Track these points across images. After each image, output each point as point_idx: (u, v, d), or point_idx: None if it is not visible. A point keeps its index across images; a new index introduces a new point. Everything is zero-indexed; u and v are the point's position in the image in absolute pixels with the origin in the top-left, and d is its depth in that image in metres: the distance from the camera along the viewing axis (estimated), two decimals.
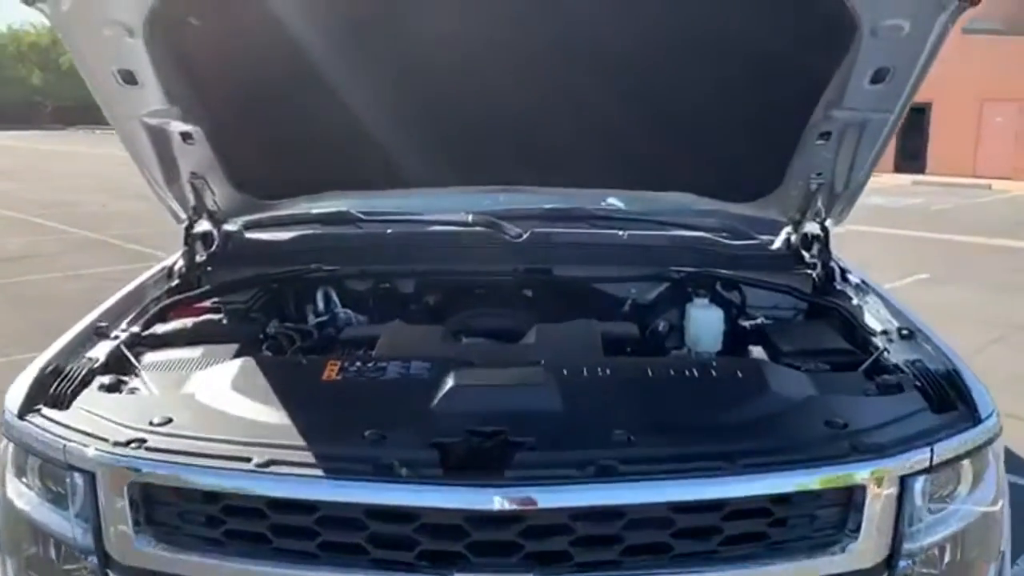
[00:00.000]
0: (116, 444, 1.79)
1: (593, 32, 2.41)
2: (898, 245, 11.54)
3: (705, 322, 2.73)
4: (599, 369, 2.05)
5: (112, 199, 15.84)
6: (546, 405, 1.88)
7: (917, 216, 14.84)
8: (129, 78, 2.32)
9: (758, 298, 2.94)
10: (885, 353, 2.30)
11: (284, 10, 2.29)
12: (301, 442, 1.77)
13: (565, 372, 2.03)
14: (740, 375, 2.05)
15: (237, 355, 2.35)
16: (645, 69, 2.55)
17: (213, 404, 1.93)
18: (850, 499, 1.78)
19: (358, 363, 2.10)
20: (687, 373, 2.05)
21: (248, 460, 1.72)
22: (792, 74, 2.42)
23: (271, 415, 1.88)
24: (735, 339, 2.76)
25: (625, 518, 1.68)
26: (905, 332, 2.37)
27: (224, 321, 2.60)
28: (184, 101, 2.49)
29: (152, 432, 1.83)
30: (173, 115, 2.52)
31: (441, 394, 1.91)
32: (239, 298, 2.76)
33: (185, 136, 2.65)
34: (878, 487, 1.77)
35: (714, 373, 2.06)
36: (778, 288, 2.81)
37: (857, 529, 1.77)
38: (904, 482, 1.80)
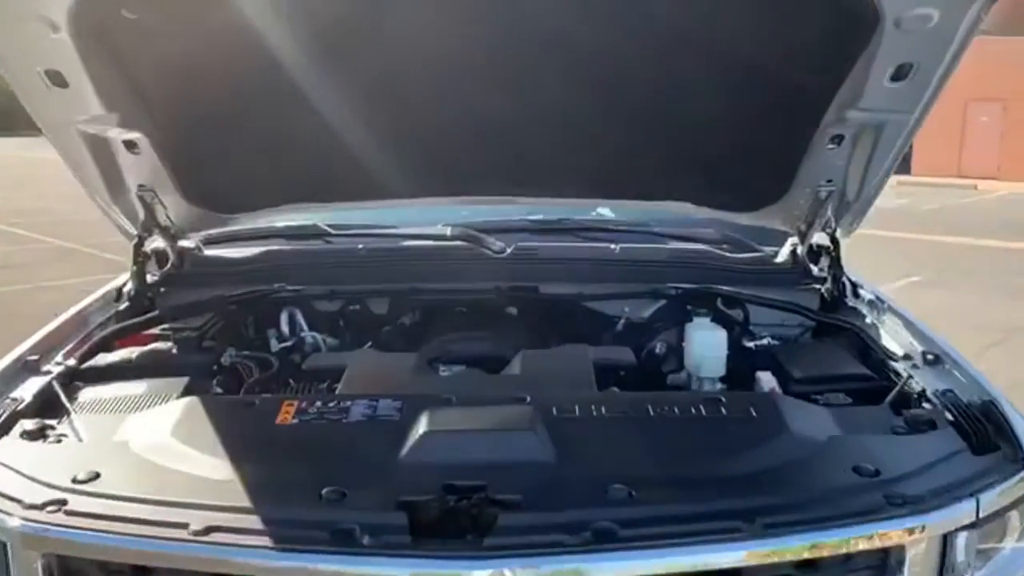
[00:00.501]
0: (31, 507, 1.52)
1: (580, 30, 2.16)
2: (887, 247, 11.31)
3: (707, 344, 2.48)
4: (593, 407, 1.80)
5: (88, 208, 15.48)
6: (533, 454, 1.63)
7: (904, 217, 14.68)
8: (58, 80, 2.05)
9: (761, 315, 2.71)
10: (911, 381, 2.06)
11: (235, 1, 2.03)
12: (247, 503, 1.51)
13: (555, 411, 1.78)
14: (754, 413, 1.80)
15: (186, 391, 2.09)
16: (637, 69, 2.31)
17: (149, 455, 1.67)
18: (885, 561, 1.55)
19: (318, 403, 1.84)
20: (693, 411, 1.80)
21: (185, 526, 1.46)
22: (802, 71, 2.18)
23: (215, 469, 1.62)
24: (740, 363, 2.53)
25: None
26: (931, 357, 2.14)
27: (174, 351, 2.33)
28: (124, 106, 2.22)
29: (75, 491, 1.56)
30: (113, 122, 2.25)
31: (412, 442, 1.65)
32: (194, 323, 2.49)
33: (129, 145, 2.38)
34: (917, 546, 1.54)
35: (724, 411, 1.81)
36: (788, 307, 2.57)
37: None
38: (946, 538, 1.57)
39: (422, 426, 1.68)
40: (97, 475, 1.60)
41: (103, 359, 2.28)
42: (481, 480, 1.53)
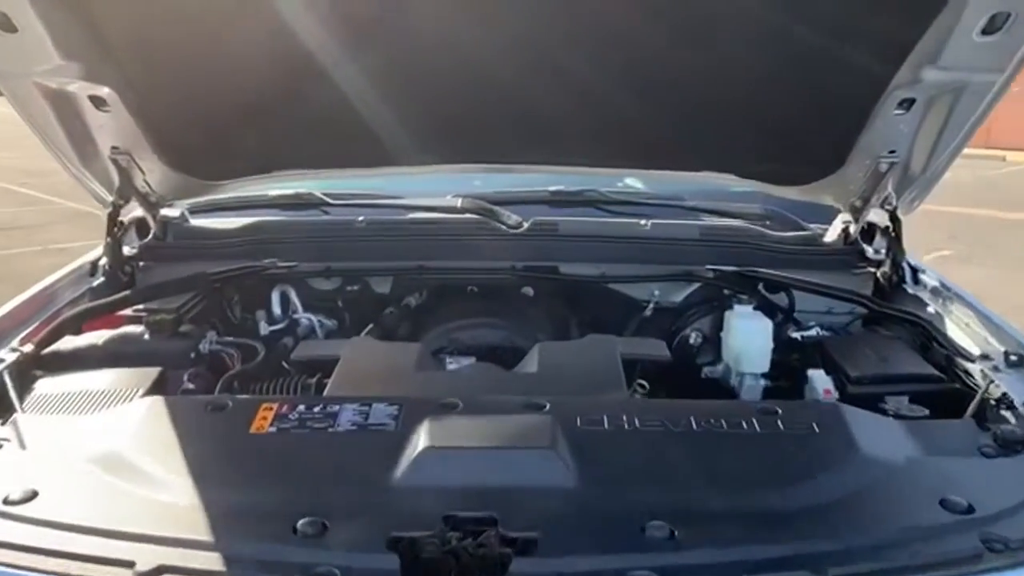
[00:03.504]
0: None
1: None
2: (915, 220, 10.86)
3: (750, 335, 2.20)
4: (624, 418, 1.52)
5: None
6: (554, 478, 1.35)
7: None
8: (5, 24, 1.76)
9: (806, 301, 2.41)
10: (993, 387, 1.77)
11: None
12: (208, 536, 1.25)
13: (579, 422, 1.50)
14: (817, 428, 1.52)
15: (156, 385, 1.82)
16: (672, 18, 1.99)
17: (99, 471, 1.40)
18: None
19: (301, 407, 1.57)
20: (745, 425, 1.51)
21: (131, 566, 1.19)
22: (872, 22, 1.86)
23: (174, 491, 1.35)
24: (785, 356, 2.24)
25: None
26: (1014, 358, 1.84)
27: (146, 336, 2.06)
28: (86, 55, 1.93)
29: (5, 515, 1.30)
30: (74, 74, 1.96)
31: (408, 460, 1.38)
32: (171, 304, 2.22)
33: (97, 102, 2.09)
34: None
35: (782, 425, 1.52)
36: (849, 297, 2.27)
37: None
38: None
39: (421, 440, 1.41)
40: (35, 494, 1.34)
41: (66, 344, 2.02)
42: (490, 511, 1.26)
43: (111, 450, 1.45)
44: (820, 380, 1.99)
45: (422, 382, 1.78)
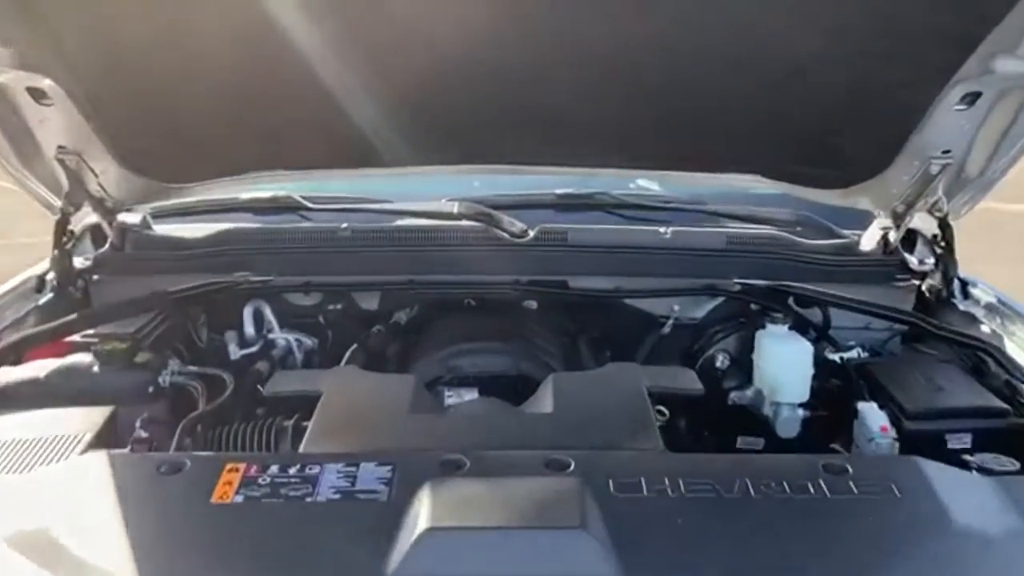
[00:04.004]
0: None
1: None
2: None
3: (787, 360, 1.95)
4: (667, 481, 1.25)
5: None
6: (587, 568, 1.08)
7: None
8: None
9: (839, 314, 2.16)
10: None
11: None
12: None
13: (612, 487, 1.23)
14: (897, 491, 1.25)
15: (103, 432, 1.55)
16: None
17: (16, 557, 1.13)
18: None
19: (274, 467, 1.29)
20: (812, 489, 1.25)
21: None
22: (940, 6, 1.60)
23: None
24: (825, 382, 1.99)
25: None
26: None
27: (96, 368, 1.77)
28: (21, 41, 1.64)
29: None
30: (6, 62, 1.67)
31: (405, 545, 1.11)
32: (127, 327, 1.93)
33: (36, 94, 1.81)
34: None
35: (854, 487, 1.26)
36: (910, 320, 2.01)
37: None
38: None
39: (420, 517, 1.14)
40: None
41: (3, 376, 1.74)
42: None
43: (36, 528, 1.17)
44: (874, 416, 1.73)
45: (418, 429, 1.51)
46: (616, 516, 1.16)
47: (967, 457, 1.54)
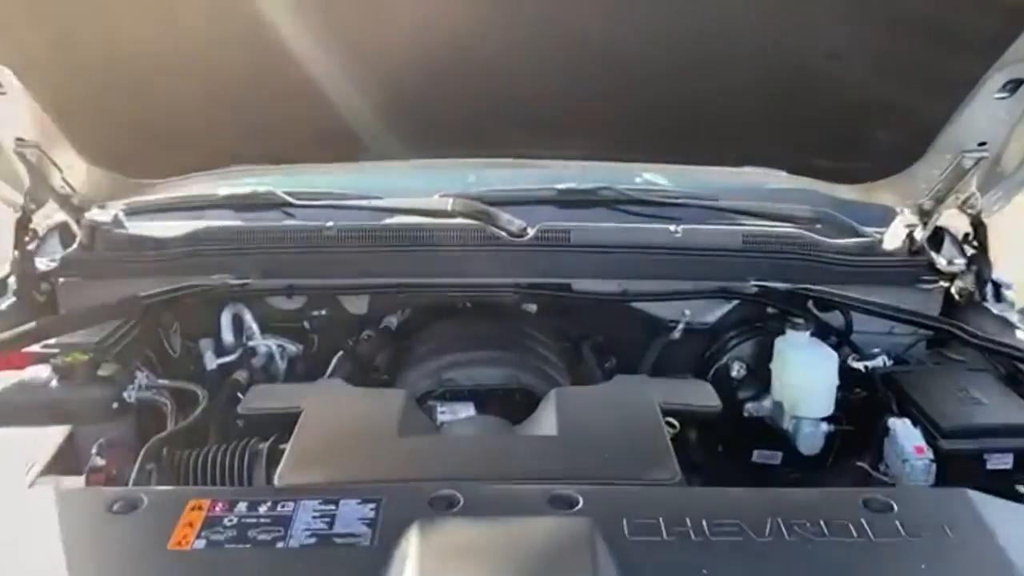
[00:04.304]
0: None
1: None
2: None
3: (810, 372, 1.81)
4: (688, 521, 1.10)
5: None
6: None
7: None
8: None
9: (861, 318, 2.01)
10: None
11: None
12: None
13: (626, 529, 1.08)
14: (949, 531, 1.10)
15: (58, 457, 1.40)
16: None
17: None
18: None
19: (241, 505, 1.14)
20: (854, 530, 1.09)
21: None
22: None
23: None
24: (848, 392, 1.85)
25: None
26: None
27: (54, 383, 1.62)
28: None
29: None
30: None
31: None
32: (91, 336, 1.77)
33: None
34: None
35: (900, 527, 1.11)
36: (937, 326, 1.86)
37: None
38: None
39: (408, 567, 0.99)
40: None
41: None
42: None
43: None
44: (907, 434, 1.59)
45: (407, 455, 1.35)
46: (632, 565, 1.01)
47: (1021, 487, 1.39)
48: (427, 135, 1.98)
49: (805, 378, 1.79)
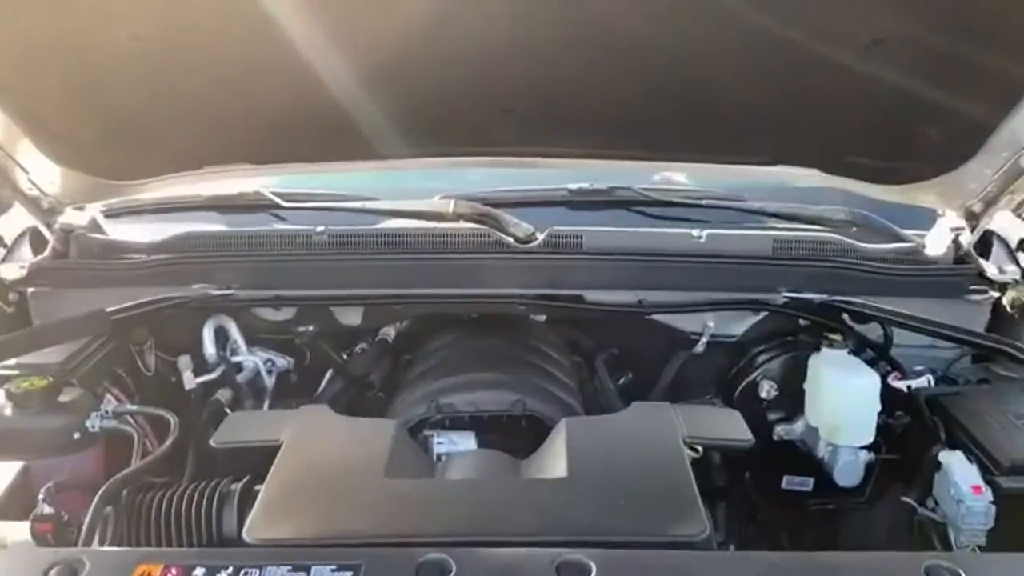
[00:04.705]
0: None
1: None
2: None
3: (850, 396, 1.63)
4: None
5: None
6: None
7: None
8: None
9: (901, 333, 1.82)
10: None
11: None
12: None
13: None
14: None
15: (7, 497, 1.24)
16: None
17: None
18: None
19: (199, 570, 0.97)
20: None
21: None
22: None
23: None
24: (888, 415, 1.67)
25: None
26: None
27: (9, 411, 1.45)
28: None
29: None
30: None
31: None
32: (55, 355, 1.61)
33: None
34: None
35: None
36: (1004, 349, 1.68)
37: None
38: None
39: None
40: None
41: None
42: None
43: None
44: (962, 472, 1.42)
45: (394, 505, 1.18)
46: None
47: None
48: (426, 131, 1.82)
49: (844, 403, 1.61)
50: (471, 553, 1.00)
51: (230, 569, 0.98)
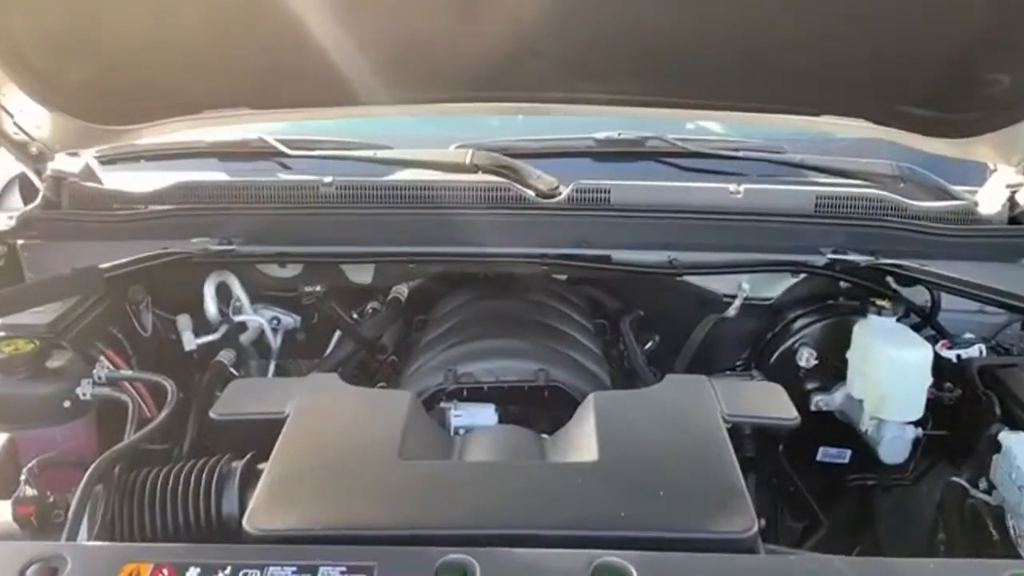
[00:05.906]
0: None
1: None
2: None
3: (899, 369, 1.50)
4: None
5: None
6: None
7: None
8: None
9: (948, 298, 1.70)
10: None
11: None
12: None
13: None
14: None
15: None
16: None
17: None
18: None
19: (193, 571, 0.87)
20: None
21: None
22: None
23: None
24: (940, 388, 1.55)
25: None
26: None
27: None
28: None
29: None
30: None
31: None
32: (48, 316, 1.50)
33: None
34: None
35: None
36: None
37: None
38: None
39: None
40: None
41: None
42: None
43: None
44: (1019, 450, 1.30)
45: (410, 491, 1.07)
46: None
47: None
48: (442, 74, 1.68)
49: (894, 376, 1.49)
50: (496, 554, 0.89)
51: (228, 569, 0.88)
